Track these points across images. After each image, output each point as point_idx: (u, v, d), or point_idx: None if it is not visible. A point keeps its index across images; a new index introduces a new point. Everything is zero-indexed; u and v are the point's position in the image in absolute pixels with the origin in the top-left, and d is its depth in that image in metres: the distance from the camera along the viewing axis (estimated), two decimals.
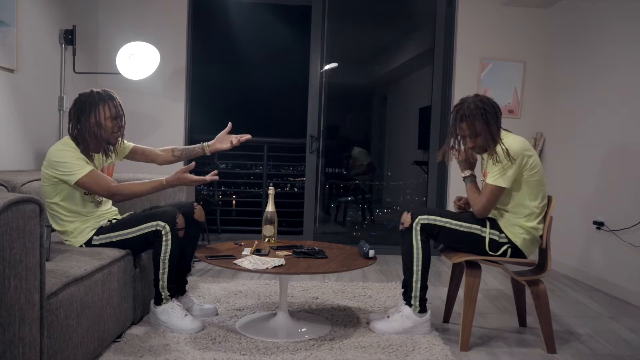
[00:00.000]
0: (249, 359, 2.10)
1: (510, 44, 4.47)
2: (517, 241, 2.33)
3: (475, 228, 2.34)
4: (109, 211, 2.53)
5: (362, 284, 3.38)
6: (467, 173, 2.47)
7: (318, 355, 2.15)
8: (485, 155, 2.47)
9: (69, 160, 2.28)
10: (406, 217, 2.39)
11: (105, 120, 2.37)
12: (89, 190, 2.32)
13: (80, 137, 2.35)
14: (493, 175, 2.30)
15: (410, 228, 2.36)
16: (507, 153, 2.25)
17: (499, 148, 2.28)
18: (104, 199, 2.50)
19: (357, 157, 6.02)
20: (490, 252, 2.34)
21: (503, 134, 2.36)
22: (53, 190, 2.33)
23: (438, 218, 2.35)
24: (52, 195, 2.34)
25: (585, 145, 3.85)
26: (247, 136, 2.72)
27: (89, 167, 2.30)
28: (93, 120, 2.35)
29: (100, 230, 2.37)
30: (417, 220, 2.35)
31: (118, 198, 2.36)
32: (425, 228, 2.35)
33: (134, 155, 2.72)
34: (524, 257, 2.37)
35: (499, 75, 4.45)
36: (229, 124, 2.71)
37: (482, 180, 2.54)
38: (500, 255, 2.34)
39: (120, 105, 2.44)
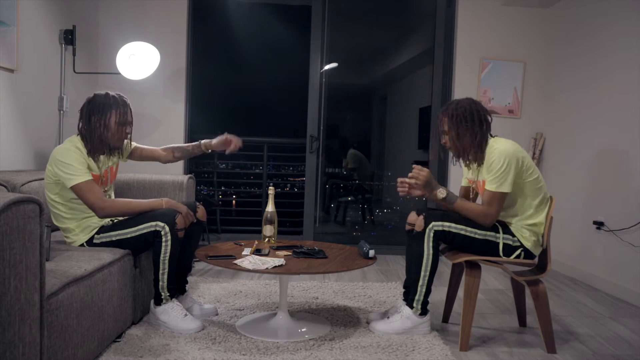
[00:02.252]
0: (249, 359, 2.10)
1: (510, 44, 4.47)
2: (528, 244, 2.33)
3: (490, 235, 2.33)
4: None
5: (362, 284, 3.38)
6: (443, 193, 2.34)
7: (318, 355, 2.15)
8: (473, 166, 2.45)
9: (72, 162, 2.28)
10: (418, 220, 2.37)
11: (113, 125, 2.40)
12: (80, 198, 2.30)
13: (88, 136, 2.38)
14: (495, 182, 2.27)
15: (422, 232, 2.34)
16: (503, 159, 2.25)
17: (491, 156, 2.29)
18: (112, 197, 2.55)
19: (349, 159, 6.03)
20: (504, 257, 2.33)
21: (492, 140, 2.36)
22: (54, 188, 2.35)
23: (453, 225, 2.32)
24: (54, 193, 2.36)
25: (586, 145, 3.85)
26: (240, 145, 2.74)
27: (87, 176, 2.30)
28: (102, 122, 2.38)
29: (102, 229, 2.38)
30: (430, 226, 2.32)
31: (100, 214, 2.31)
32: (438, 234, 2.33)
33: (135, 155, 2.74)
34: (534, 257, 2.38)
35: (499, 75, 4.45)
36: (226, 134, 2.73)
37: (473, 187, 2.52)
38: (514, 259, 2.35)
39: (131, 113, 2.48)
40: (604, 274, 3.53)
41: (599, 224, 3.58)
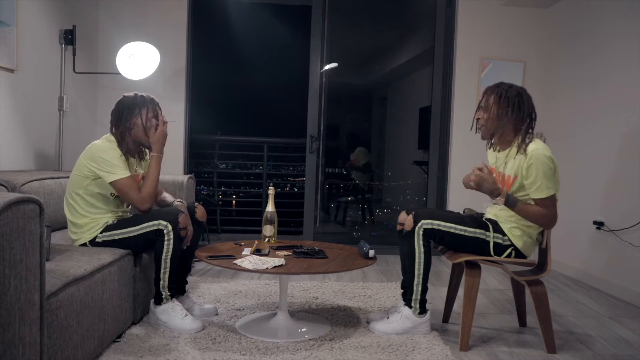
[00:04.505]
0: (249, 359, 2.10)
1: (510, 44, 4.47)
2: (519, 244, 2.32)
3: (479, 232, 2.32)
4: (124, 210, 2.56)
5: (362, 284, 3.38)
6: (501, 201, 2.23)
7: (318, 355, 2.15)
8: (500, 155, 2.42)
9: (112, 159, 2.33)
10: (407, 219, 2.38)
11: (145, 122, 2.43)
12: (120, 194, 2.37)
13: (120, 139, 2.41)
14: (545, 188, 2.20)
15: (412, 231, 2.34)
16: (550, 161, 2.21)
17: (539, 160, 2.19)
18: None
19: (359, 155, 6.04)
20: (495, 256, 2.33)
21: (535, 143, 2.27)
22: (83, 181, 2.36)
23: (442, 223, 2.32)
24: (80, 186, 2.37)
25: (585, 145, 3.85)
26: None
27: (127, 172, 2.35)
28: (134, 121, 2.42)
29: (106, 228, 2.39)
30: (419, 224, 2.32)
31: (142, 208, 2.36)
32: (427, 232, 2.33)
33: None
34: (525, 257, 2.37)
35: (499, 75, 4.44)
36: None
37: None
38: (505, 257, 2.34)
39: (160, 109, 2.52)
40: (604, 274, 3.53)
41: (599, 224, 3.58)
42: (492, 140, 2.43)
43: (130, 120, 2.41)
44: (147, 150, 2.59)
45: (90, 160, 2.33)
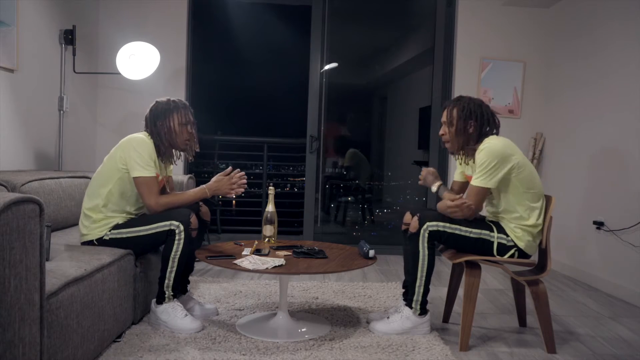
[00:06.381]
0: (249, 359, 2.10)
1: (510, 44, 4.47)
2: (522, 244, 2.32)
3: (484, 233, 2.33)
4: (137, 209, 2.55)
5: (362, 284, 3.38)
6: (437, 184, 2.57)
7: (318, 355, 2.15)
8: (471, 163, 2.44)
9: (145, 155, 2.37)
10: (412, 221, 2.37)
11: (177, 126, 2.49)
12: (139, 191, 2.38)
13: (159, 141, 2.47)
14: (479, 176, 2.28)
15: (417, 233, 2.35)
16: (492, 155, 2.26)
17: (481, 152, 2.29)
18: None
19: (346, 158, 6.04)
20: (498, 257, 2.33)
21: (487, 138, 2.34)
22: (115, 174, 2.39)
23: (448, 225, 2.32)
24: (109, 180, 2.39)
25: (585, 145, 3.85)
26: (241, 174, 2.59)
27: (153, 172, 2.39)
28: (167, 126, 2.47)
29: (115, 227, 2.40)
30: (425, 226, 2.33)
31: (151, 211, 2.39)
32: (433, 234, 2.33)
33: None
34: (528, 256, 2.38)
35: (499, 75, 4.45)
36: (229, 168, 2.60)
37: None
38: (509, 258, 2.34)
39: (192, 114, 2.58)
40: (604, 274, 3.54)
41: (599, 224, 3.58)
42: (462, 153, 2.46)
43: (165, 125, 2.47)
44: (175, 154, 2.61)
45: (124, 151, 2.37)
